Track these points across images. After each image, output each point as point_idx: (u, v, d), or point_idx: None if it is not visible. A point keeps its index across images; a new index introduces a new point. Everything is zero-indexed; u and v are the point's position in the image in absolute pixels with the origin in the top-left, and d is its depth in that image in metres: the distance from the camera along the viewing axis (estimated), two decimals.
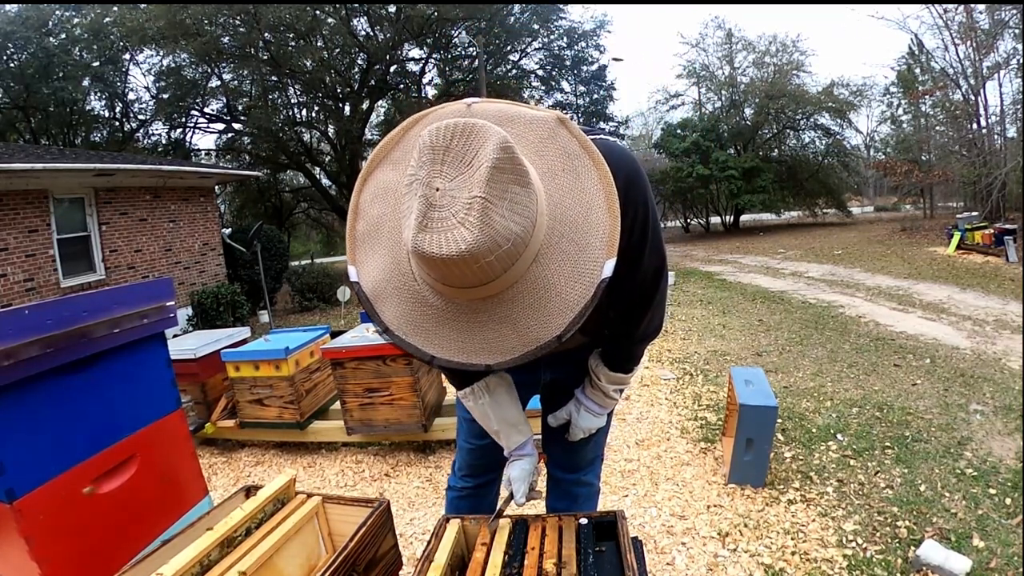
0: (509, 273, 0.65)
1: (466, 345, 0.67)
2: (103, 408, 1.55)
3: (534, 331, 0.66)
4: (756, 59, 20.71)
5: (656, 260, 0.98)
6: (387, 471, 2.90)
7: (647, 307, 1.05)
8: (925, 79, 15.22)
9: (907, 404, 3.21)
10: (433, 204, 0.61)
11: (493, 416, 1.15)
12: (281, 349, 3.01)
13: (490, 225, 0.60)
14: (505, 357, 0.66)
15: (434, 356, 0.68)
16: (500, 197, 0.61)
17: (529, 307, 0.67)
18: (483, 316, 0.67)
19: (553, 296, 0.67)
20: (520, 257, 0.65)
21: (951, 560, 1.79)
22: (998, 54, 12.30)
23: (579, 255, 0.68)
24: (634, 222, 0.87)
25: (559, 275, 0.67)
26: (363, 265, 0.75)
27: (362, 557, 1.08)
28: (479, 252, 0.60)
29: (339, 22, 13.86)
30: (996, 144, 12.84)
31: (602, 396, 1.17)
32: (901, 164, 14.67)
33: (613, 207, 0.70)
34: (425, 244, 0.61)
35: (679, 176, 19.71)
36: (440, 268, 0.63)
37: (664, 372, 4.26)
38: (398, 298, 0.71)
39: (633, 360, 1.15)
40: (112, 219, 7.43)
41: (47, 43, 12.93)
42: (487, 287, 0.66)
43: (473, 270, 0.62)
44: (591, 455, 1.36)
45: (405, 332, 0.70)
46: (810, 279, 8.50)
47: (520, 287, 0.67)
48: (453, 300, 0.68)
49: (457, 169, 0.62)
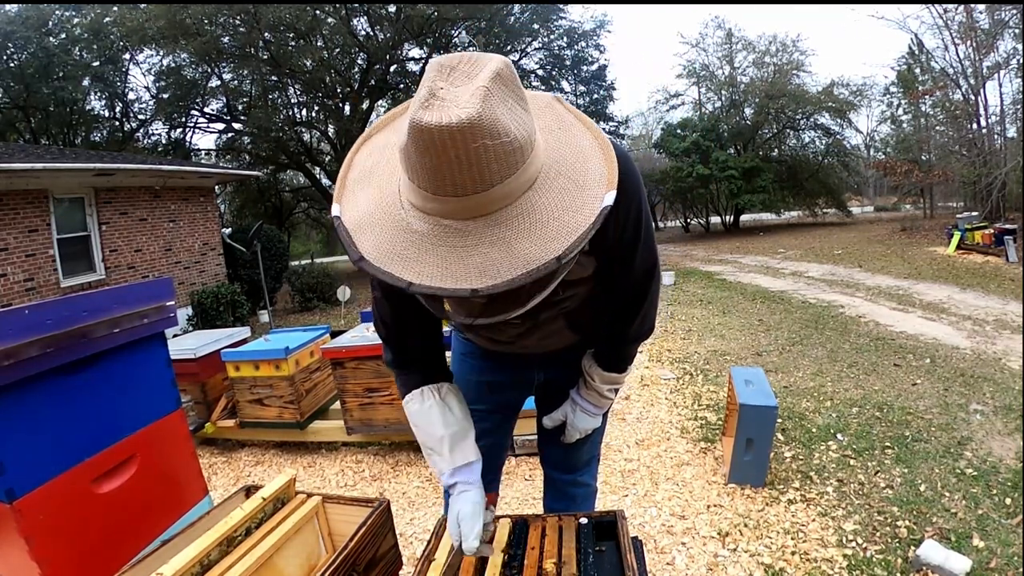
0: (505, 187, 0.62)
1: (450, 270, 0.61)
2: (103, 408, 1.55)
3: (530, 252, 0.61)
4: (756, 59, 20.71)
5: (648, 259, 0.98)
6: (387, 471, 2.90)
7: (640, 306, 1.04)
8: (925, 79, 15.22)
9: (907, 404, 3.21)
10: (436, 94, 0.60)
11: (441, 422, 1.01)
12: (281, 349, 3.01)
13: (491, 109, 0.59)
14: (495, 280, 0.59)
15: (411, 282, 0.61)
16: (500, 98, 0.61)
17: (525, 231, 0.62)
18: (472, 239, 0.62)
19: (551, 221, 0.63)
20: (517, 171, 0.62)
21: (951, 560, 1.79)
22: (998, 54, 12.31)
23: (577, 191, 0.66)
24: (627, 220, 0.87)
25: (557, 205, 0.64)
26: (348, 202, 0.71)
27: (362, 557, 1.08)
28: (478, 126, 0.57)
29: (339, 22, 13.86)
30: (996, 144, 12.84)
31: (597, 396, 1.16)
32: (901, 164, 14.66)
33: (608, 153, 0.70)
34: (424, 118, 0.58)
35: (679, 176, 19.71)
36: (435, 155, 0.59)
37: (664, 372, 4.26)
38: (380, 227, 0.66)
39: (626, 360, 1.14)
40: (112, 219, 7.43)
41: (47, 43, 12.93)
42: (481, 197, 0.61)
43: (470, 159, 0.59)
44: (587, 456, 1.36)
45: (382, 260, 0.63)
46: (810, 279, 8.50)
47: (515, 210, 0.63)
48: (441, 221, 0.63)
49: (462, 81, 0.61)
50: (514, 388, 1.30)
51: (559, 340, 1.15)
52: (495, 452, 1.37)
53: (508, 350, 1.20)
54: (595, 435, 1.31)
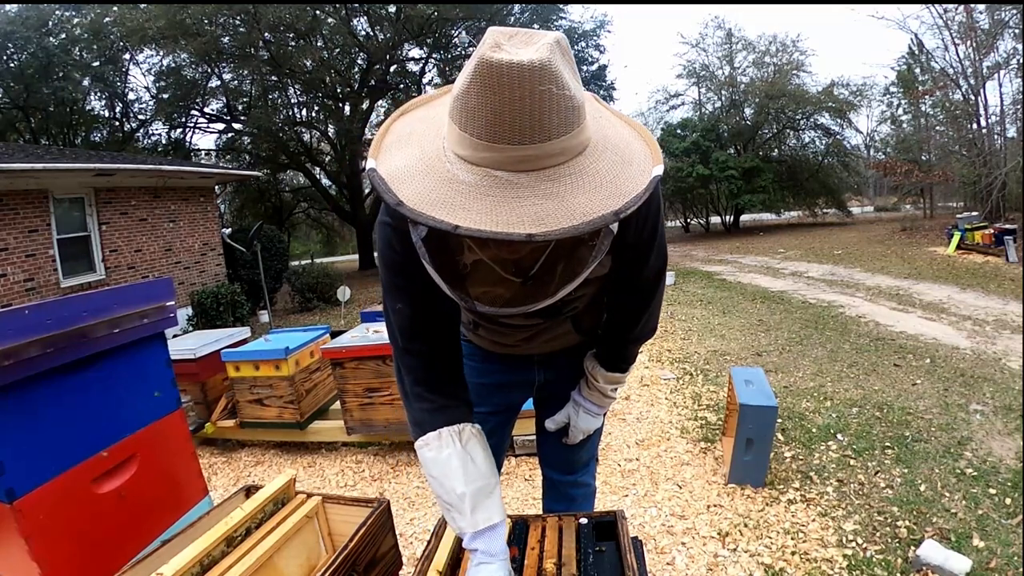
0: (562, 142, 0.60)
1: (502, 217, 0.57)
2: (103, 408, 1.55)
3: (587, 206, 0.58)
4: (756, 59, 20.70)
5: (660, 261, 0.99)
6: (387, 471, 2.90)
7: (646, 307, 1.05)
8: (925, 79, 15.21)
9: (907, 404, 3.21)
10: (501, 46, 0.59)
11: (462, 477, 0.86)
12: (281, 349, 3.01)
13: (557, 61, 0.58)
14: (552, 227, 0.56)
15: (458, 225, 0.56)
16: (561, 61, 0.60)
17: (578, 187, 0.60)
18: (525, 192, 0.59)
19: (604, 183, 0.62)
20: (574, 130, 0.61)
21: (951, 560, 1.78)
22: (998, 54, 12.30)
23: (625, 165, 0.65)
24: (647, 217, 0.88)
25: (609, 172, 0.63)
26: (384, 158, 0.67)
27: (362, 557, 1.08)
28: (548, 70, 0.56)
29: (339, 22, 13.87)
30: (996, 144, 12.83)
31: (599, 396, 1.16)
32: (901, 164, 14.66)
33: (648, 137, 0.72)
34: (496, 55, 0.56)
35: (679, 176, 19.69)
36: (502, 95, 0.57)
37: (664, 372, 4.26)
38: (423, 177, 0.62)
39: (629, 359, 1.15)
40: (112, 219, 7.43)
41: (47, 43, 12.93)
42: (538, 149, 0.59)
43: (535, 103, 0.57)
44: (587, 456, 1.36)
45: (427, 206, 0.58)
46: (810, 279, 8.50)
47: (568, 169, 0.61)
48: (492, 172, 0.59)
49: (522, 45, 0.61)
50: (514, 389, 1.29)
51: (563, 341, 1.16)
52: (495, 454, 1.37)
53: (511, 352, 1.20)
54: (594, 435, 1.31)
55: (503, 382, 1.27)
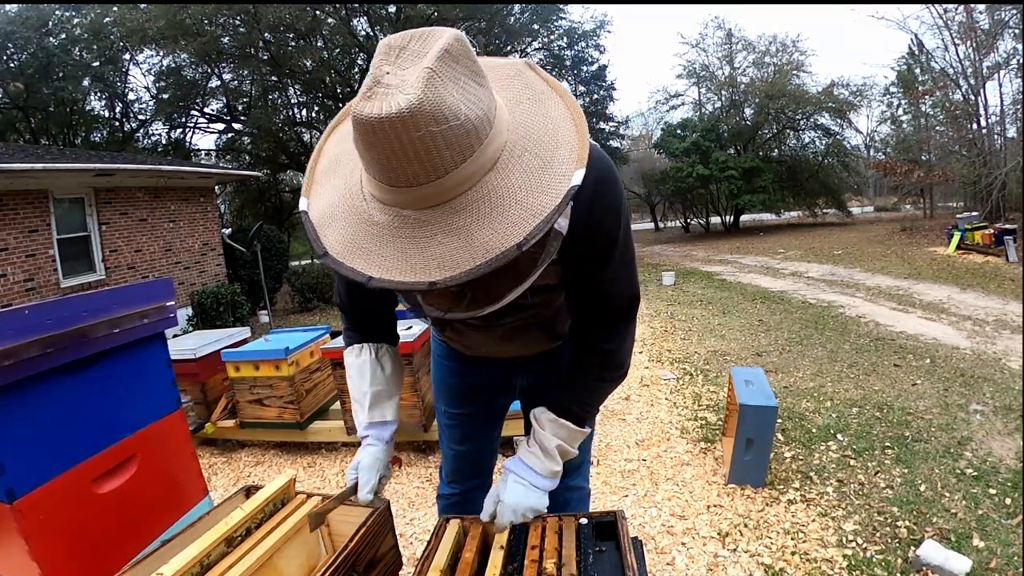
0: (461, 171, 0.58)
1: (410, 262, 0.58)
2: (103, 408, 1.55)
3: (490, 241, 0.57)
4: (756, 59, 20.71)
5: (624, 291, 0.90)
6: None
7: (608, 338, 0.94)
8: (925, 79, 15.22)
9: (907, 404, 3.21)
10: (380, 81, 0.57)
11: (366, 378, 1.04)
12: (281, 349, 3.01)
13: (435, 92, 0.54)
14: (453, 272, 0.56)
15: (371, 276, 0.59)
16: (449, 77, 0.56)
17: (485, 216, 0.58)
18: (432, 229, 0.59)
19: (513, 204, 0.59)
20: (474, 154, 0.58)
21: (951, 560, 1.78)
22: (998, 54, 12.31)
23: (544, 168, 0.61)
24: (602, 222, 0.81)
25: (521, 186, 0.60)
26: (315, 195, 0.70)
27: (362, 557, 1.08)
28: (420, 113, 0.53)
29: (339, 22, 13.87)
30: (996, 144, 12.84)
31: (540, 454, 0.95)
32: (901, 164, 14.66)
33: (581, 127, 0.65)
34: (365, 110, 0.55)
35: (679, 176, 19.71)
36: (380, 148, 0.56)
37: (664, 372, 4.26)
38: (344, 221, 0.64)
39: (584, 405, 0.98)
40: (112, 219, 7.43)
41: (47, 43, 12.93)
42: (435, 186, 0.58)
43: (417, 149, 0.55)
44: (576, 461, 1.30)
45: (345, 255, 0.61)
46: (810, 279, 8.50)
47: (476, 194, 0.59)
48: (400, 212, 0.60)
49: (410, 62, 0.58)
50: (494, 392, 1.26)
51: (538, 346, 1.11)
52: (482, 456, 1.35)
53: (484, 355, 1.18)
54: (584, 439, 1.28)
55: (481, 384, 1.25)
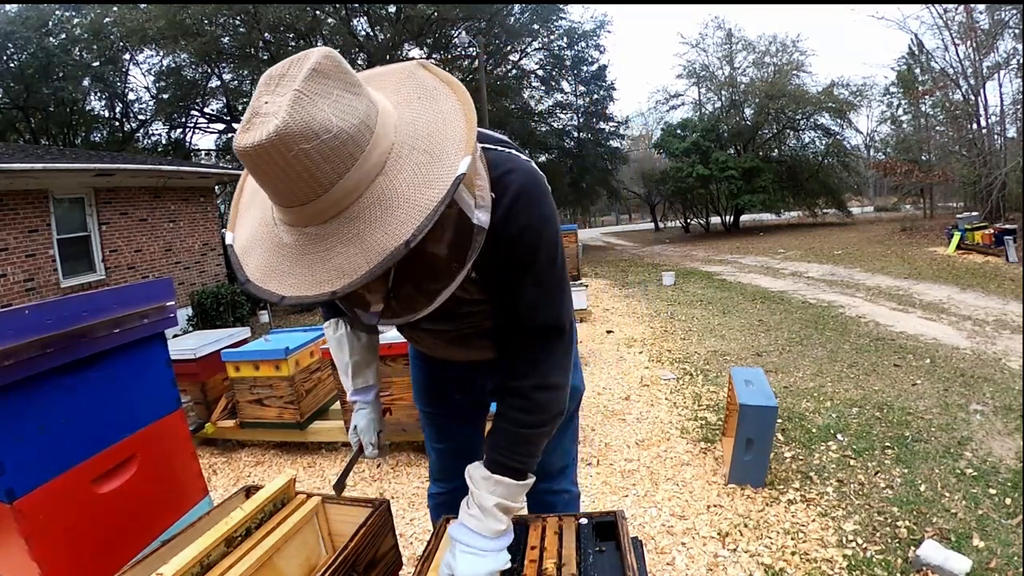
0: (347, 181, 0.60)
1: (316, 277, 0.61)
2: (103, 408, 1.55)
3: (382, 242, 0.60)
4: (756, 59, 20.74)
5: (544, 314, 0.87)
6: (387, 471, 2.90)
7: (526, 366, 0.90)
8: (925, 79, 15.23)
9: (907, 404, 3.21)
10: (257, 112, 0.59)
11: (345, 350, 1.17)
12: (281, 349, 3.01)
13: (302, 111, 0.57)
14: (350, 279, 0.60)
15: (283, 296, 0.63)
16: (319, 94, 0.59)
17: (377, 220, 0.61)
18: (332, 241, 0.62)
19: (401, 204, 0.61)
20: (356, 162, 0.60)
21: (951, 560, 1.78)
22: (998, 54, 12.32)
23: (432, 163, 0.64)
24: (521, 234, 0.81)
25: (409, 184, 0.63)
26: (238, 229, 0.74)
27: (362, 557, 1.08)
28: (288, 134, 0.56)
29: (339, 22, 13.87)
30: (996, 144, 12.84)
31: (479, 517, 0.89)
32: (901, 164, 14.68)
33: (470, 116, 0.67)
34: (241, 141, 0.57)
35: (679, 176, 19.72)
36: (263, 174, 0.59)
37: (664, 372, 4.26)
38: (261, 247, 0.68)
39: (519, 453, 0.91)
40: (112, 219, 7.43)
41: (47, 43, 12.94)
42: (323, 201, 0.60)
43: (295, 169, 0.57)
44: (559, 464, 1.30)
45: (262, 280, 0.65)
46: (810, 279, 8.51)
47: (367, 200, 0.62)
48: (303, 231, 0.63)
49: (285, 88, 0.60)
50: (463, 391, 1.26)
51: (490, 353, 1.10)
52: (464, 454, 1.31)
53: (445, 357, 1.20)
54: (563, 441, 1.26)
55: (449, 384, 1.26)
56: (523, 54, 18.22)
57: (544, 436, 0.93)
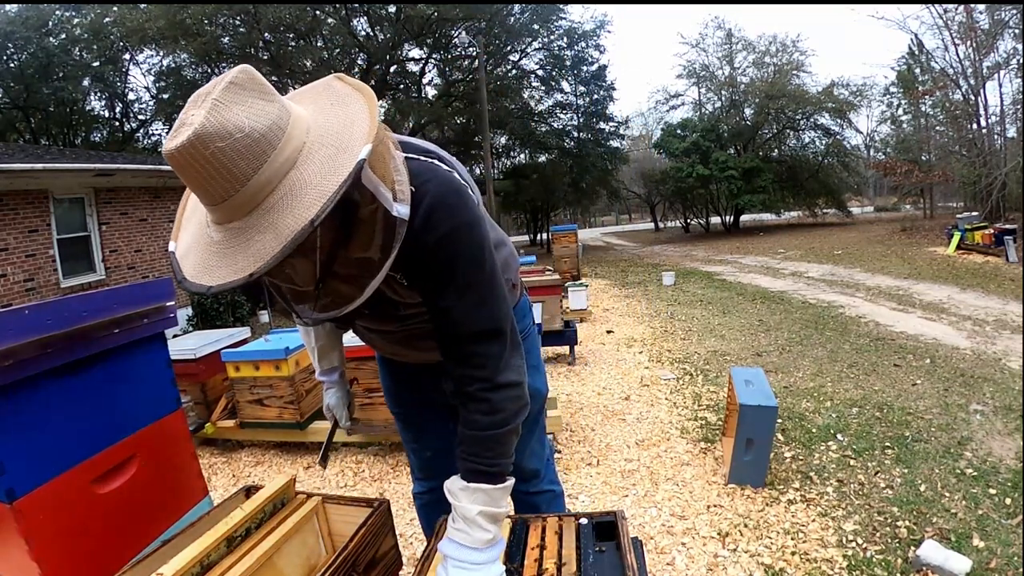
0: (260, 176, 0.66)
1: (237, 265, 0.66)
2: (103, 408, 1.55)
3: (291, 225, 0.65)
4: (756, 59, 20.74)
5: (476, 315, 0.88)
6: (387, 471, 2.90)
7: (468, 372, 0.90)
8: (925, 79, 15.23)
9: (907, 404, 3.21)
10: (184, 122, 0.64)
11: (311, 335, 1.30)
12: (281, 349, 3.01)
13: (218, 115, 0.63)
14: (263, 261, 0.64)
15: (210, 286, 0.67)
16: (235, 101, 0.65)
17: (288, 207, 0.66)
18: (251, 232, 0.67)
19: (309, 191, 0.67)
20: (268, 159, 0.66)
21: (951, 560, 1.78)
22: (998, 54, 12.32)
23: (337, 154, 0.69)
24: (441, 241, 0.83)
25: (317, 174, 0.68)
26: (180, 238, 0.79)
27: (362, 557, 1.08)
28: (205, 135, 0.62)
29: (339, 22, 13.88)
30: (996, 144, 12.84)
31: (466, 530, 0.89)
32: (901, 164, 14.68)
33: (373, 114, 0.73)
34: (167, 147, 0.64)
35: (679, 176, 19.73)
36: (187, 175, 0.65)
37: (664, 372, 4.26)
38: (196, 250, 0.73)
39: (490, 456, 0.91)
40: (112, 219, 7.43)
41: (47, 43, 12.94)
42: (243, 194, 0.66)
43: (212, 165, 0.63)
44: (532, 467, 1.30)
45: (195, 276, 0.70)
46: (810, 279, 8.51)
47: (280, 192, 0.67)
48: (228, 227, 0.68)
49: (206, 101, 0.65)
50: (423, 391, 1.27)
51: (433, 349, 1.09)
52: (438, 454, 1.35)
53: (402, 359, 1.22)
54: (529, 445, 1.26)
55: (408, 384, 1.29)
56: (523, 54, 18.23)
57: (511, 435, 0.93)
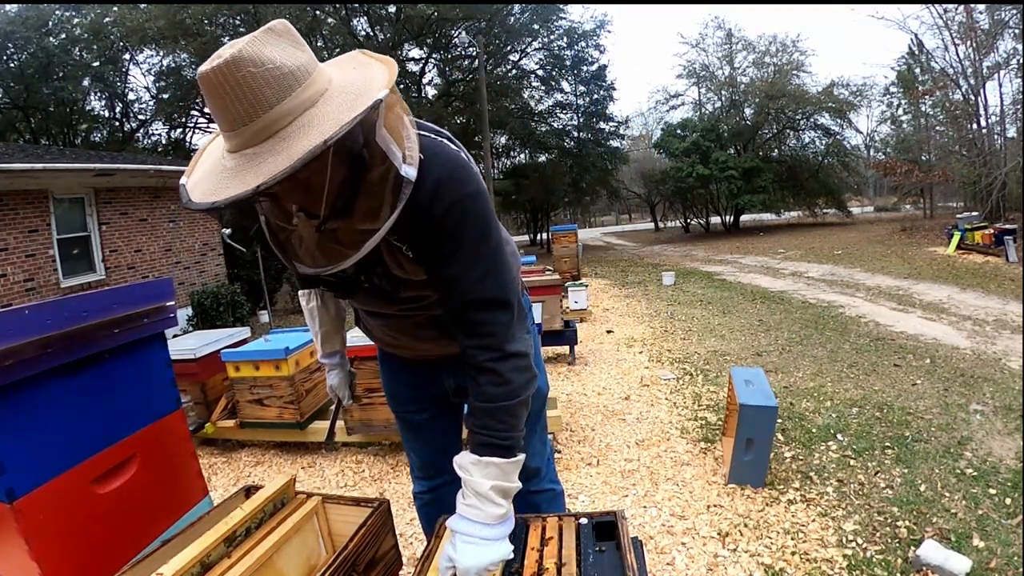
0: (283, 106, 0.70)
1: (245, 182, 0.68)
2: (103, 408, 1.55)
3: (304, 147, 0.67)
4: (756, 59, 20.74)
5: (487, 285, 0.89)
6: (387, 471, 2.90)
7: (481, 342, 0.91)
8: (925, 79, 15.23)
9: (907, 404, 3.21)
10: (220, 54, 0.69)
11: (316, 320, 1.35)
12: (281, 349, 3.01)
13: (254, 47, 0.69)
14: (270, 175, 0.66)
15: (215, 201, 0.69)
16: (270, 42, 0.71)
17: (302, 135, 0.69)
18: (264, 156, 0.69)
19: (325, 121, 0.70)
20: (293, 92, 0.71)
21: (951, 560, 1.78)
22: (998, 54, 12.32)
23: (356, 99, 0.73)
24: (449, 210, 0.86)
25: (335, 110, 0.72)
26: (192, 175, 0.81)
27: (362, 557, 1.08)
28: (241, 59, 0.67)
29: (339, 22, 13.87)
30: (996, 144, 12.84)
31: (477, 505, 0.87)
32: (901, 164, 14.68)
33: (392, 72, 0.78)
34: (203, 68, 0.69)
35: (679, 176, 19.72)
36: (215, 95, 0.69)
37: (664, 372, 4.26)
38: (207, 178, 0.75)
39: (503, 429, 0.91)
40: (112, 219, 7.43)
41: (47, 43, 12.93)
42: (264, 119, 0.69)
43: (241, 87, 0.67)
44: (534, 465, 1.30)
45: (202, 198, 0.72)
46: (810, 279, 8.51)
47: (298, 124, 0.71)
48: (244, 153, 0.71)
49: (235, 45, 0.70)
50: (425, 390, 1.27)
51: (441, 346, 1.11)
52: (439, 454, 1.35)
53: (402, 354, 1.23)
54: (532, 443, 1.25)
55: (410, 383, 1.29)
56: (523, 54, 18.23)
57: (521, 407, 0.93)
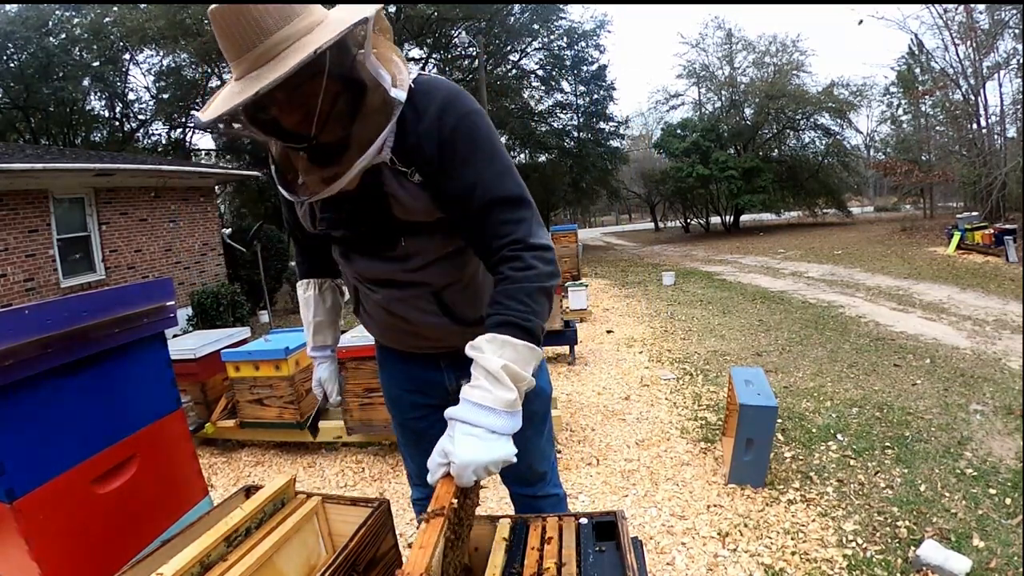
0: (283, 32, 0.78)
1: (245, 94, 0.75)
2: (103, 408, 1.55)
3: (295, 60, 0.74)
4: (756, 59, 20.74)
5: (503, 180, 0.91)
6: (387, 471, 2.90)
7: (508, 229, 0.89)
8: (925, 79, 15.23)
9: (907, 404, 3.21)
10: None
11: (311, 309, 1.34)
12: (281, 349, 3.01)
13: None
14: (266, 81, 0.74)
15: (221, 113, 0.78)
16: None
17: (298, 53, 0.76)
18: (264, 73, 0.77)
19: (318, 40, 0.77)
20: (291, 22, 0.78)
21: (951, 560, 1.79)
22: (998, 54, 12.32)
23: (343, 24, 0.80)
24: (459, 123, 0.91)
25: (327, 32, 0.78)
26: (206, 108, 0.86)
27: (362, 557, 1.08)
28: None
29: None
30: (996, 144, 12.84)
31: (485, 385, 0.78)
32: (901, 164, 14.68)
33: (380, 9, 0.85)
34: (212, 6, 0.76)
35: (679, 176, 19.73)
36: (223, 23, 0.77)
37: (664, 372, 4.26)
38: (218, 103, 0.82)
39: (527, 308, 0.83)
40: (112, 219, 7.43)
41: (47, 43, 12.93)
42: (266, 44, 0.77)
43: (246, 13, 0.75)
44: (541, 468, 1.29)
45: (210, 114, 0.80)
46: (810, 279, 8.51)
47: (295, 48, 0.78)
48: (248, 78, 0.78)
49: None
50: (425, 392, 1.26)
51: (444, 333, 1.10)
52: None
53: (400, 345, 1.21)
54: (539, 444, 1.25)
55: (408, 385, 1.27)
56: (523, 54, 18.24)
57: (542, 294, 0.86)
